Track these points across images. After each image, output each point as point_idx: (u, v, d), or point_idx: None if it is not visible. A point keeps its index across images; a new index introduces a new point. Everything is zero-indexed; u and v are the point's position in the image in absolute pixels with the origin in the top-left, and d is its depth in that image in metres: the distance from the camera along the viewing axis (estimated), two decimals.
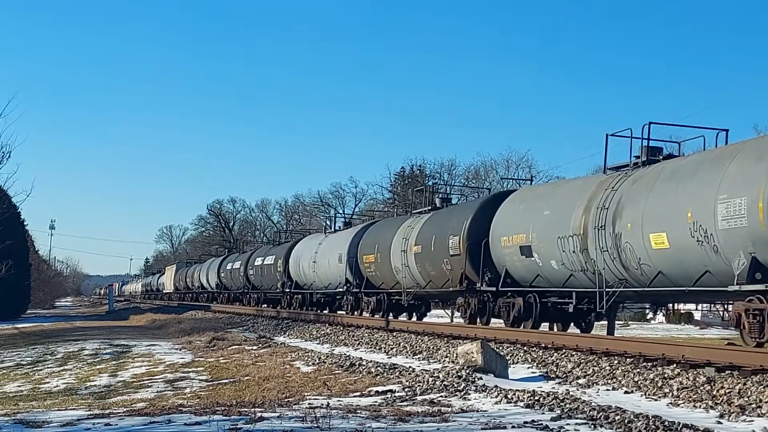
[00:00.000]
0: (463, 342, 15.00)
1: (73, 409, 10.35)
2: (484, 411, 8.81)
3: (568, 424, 7.74)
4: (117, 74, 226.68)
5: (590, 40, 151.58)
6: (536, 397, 9.43)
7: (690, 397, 9.29)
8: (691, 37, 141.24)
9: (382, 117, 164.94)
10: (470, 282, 19.88)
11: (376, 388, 10.86)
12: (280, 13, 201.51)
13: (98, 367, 17.32)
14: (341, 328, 23.01)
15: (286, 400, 10.10)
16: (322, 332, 22.54)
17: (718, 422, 7.98)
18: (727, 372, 10.45)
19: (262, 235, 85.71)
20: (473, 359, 11.92)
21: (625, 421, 7.74)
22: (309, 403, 9.55)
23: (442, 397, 9.95)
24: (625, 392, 10.15)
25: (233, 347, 19.44)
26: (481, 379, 11.22)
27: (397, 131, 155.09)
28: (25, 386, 15.01)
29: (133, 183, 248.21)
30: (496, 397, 9.76)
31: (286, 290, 36.16)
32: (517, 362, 13.37)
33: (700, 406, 8.83)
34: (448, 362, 13.64)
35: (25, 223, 49.94)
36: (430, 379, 11.22)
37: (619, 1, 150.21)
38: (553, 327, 18.45)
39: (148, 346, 21.82)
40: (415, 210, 27.45)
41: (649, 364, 11.60)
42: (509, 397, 9.63)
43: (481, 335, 16.83)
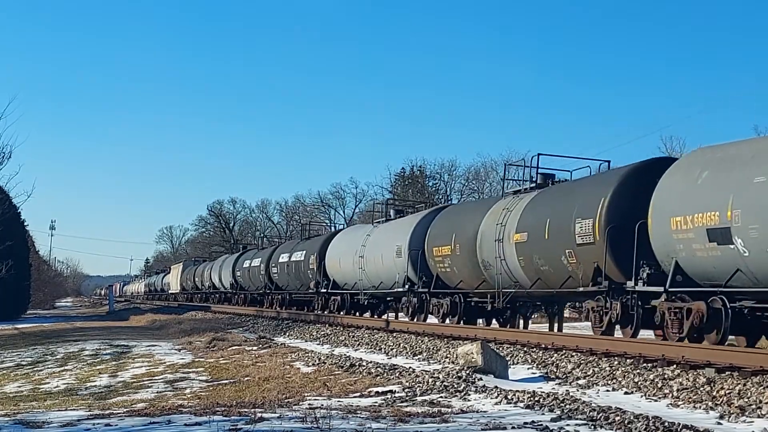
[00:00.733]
0: (463, 343, 15.01)
1: (73, 410, 10.35)
2: (484, 412, 8.81)
3: (568, 425, 7.74)
4: (117, 74, 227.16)
5: (590, 40, 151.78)
6: (536, 398, 9.44)
7: (690, 398, 9.29)
8: (691, 37, 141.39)
9: (382, 117, 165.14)
10: (611, 280, 15.18)
11: (376, 389, 10.86)
12: (280, 13, 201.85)
13: (98, 367, 17.31)
14: (341, 329, 23.00)
15: (286, 401, 10.10)
16: (322, 333, 22.54)
17: (718, 423, 7.98)
18: (727, 373, 10.46)
19: (262, 235, 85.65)
20: (473, 360, 11.93)
21: (625, 422, 7.74)
22: (309, 404, 9.56)
23: (442, 397, 9.95)
24: (625, 393, 10.16)
25: (233, 348, 19.43)
26: (481, 379, 11.22)
27: (397, 132, 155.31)
28: (25, 386, 15.01)
29: (133, 183, 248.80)
30: (496, 397, 9.76)
31: (322, 291, 31.34)
32: (517, 363, 13.38)
33: (700, 407, 8.83)
34: (448, 363, 13.64)
35: (26, 224, 49.99)
36: (430, 380, 11.22)
37: (619, 1, 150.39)
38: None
39: (148, 346, 21.81)
40: (512, 190, 20.68)
41: (649, 365, 11.62)
42: (509, 397, 9.63)
43: (481, 336, 16.84)
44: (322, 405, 9.32)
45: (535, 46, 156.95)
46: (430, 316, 23.19)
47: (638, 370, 11.28)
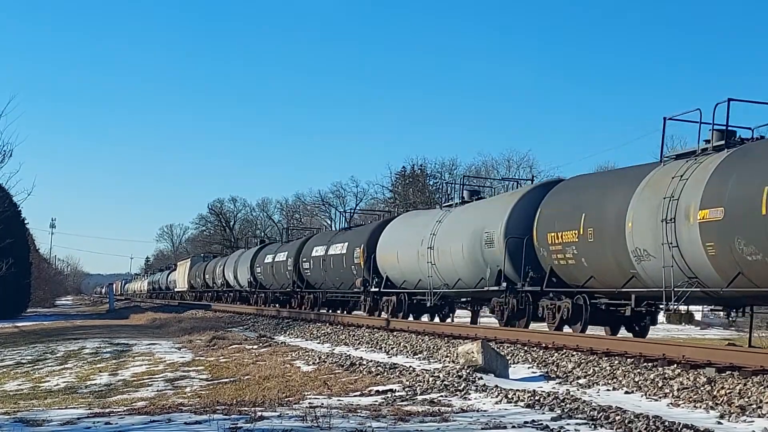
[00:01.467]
0: (463, 342, 15.00)
1: (73, 408, 10.35)
2: (485, 411, 8.81)
3: (568, 424, 7.74)
4: (117, 73, 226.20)
5: (590, 40, 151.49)
6: (536, 397, 9.43)
7: (690, 398, 9.29)
8: (691, 37, 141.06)
9: (382, 116, 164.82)
10: None
11: (376, 388, 10.86)
12: (280, 11, 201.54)
13: (98, 365, 17.32)
14: (341, 328, 23.00)
15: (287, 400, 10.11)
16: (323, 332, 22.54)
17: (719, 423, 7.98)
18: (728, 372, 10.46)
19: (263, 234, 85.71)
20: (474, 359, 11.93)
21: (626, 422, 7.74)
22: (309, 403, 9.55)
23: (442, 396, 9.95)
24: (626, 392, 10.15)
25: (234, 346, 19.44)
26: (482, 378, 11.22)
27: (398, 131, 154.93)
28: (25, 385, 15.02)
29: (133, 182, 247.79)
30: (497, 396, 9.76)
31: (372, 289, 26.33)
32: (518, 362, 13.37)
33: (701, 407, 8.83)
34: (449, 362, 13.63)
35: (26, 222, 50.03)
36: (431, 379, 11.21)
37: (619, 1, 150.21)
38: None
39: (149, 345, 21.82)
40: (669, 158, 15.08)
41: (650, 365, 11.61)
42: (509, 396, 9.63)
43: (482, 335, 16.83)
44: (323, 404, 9.33)
45: (536, 46, 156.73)
46: (561, 326, 17.24)
47: (639, 370, 11.28)
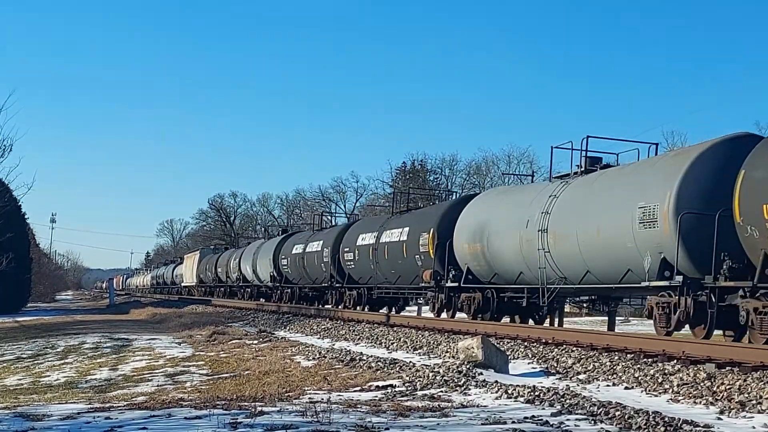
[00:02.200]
0: (463, 337, 15.00)
1: (73, 403, 10.36)
2: (485, 406, 8.81)
3: (568, 420, 7.73)
4: (118, 68, 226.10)
5: (590, 40, 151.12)
6: (536, 393, 9.43)
7: (690, 393, 9.28)
8: (691, 37, 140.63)
9: (383, 112, 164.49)
10: None
11: (376, 383, 10.86)
12: (281, 7, 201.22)
13: (98, 360, 17.34)
14: (342, 323, 23.00)
15: (287, 395, 10.10)
16: (323, 327, 22.54)
17: (719, 418, 7.98)
18: (728, 368, 10.45)
19: (263, 229, 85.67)
20: (474, 354, 11.92)
21: (626, 417, 7.73)
22: (309, 398, 9.55)
23: (442, 392, 9.95)
24: (626, 388, 10.15)
25: (234, 341, 19.44)
26: (482, 374, 11.22)
27: (398, 126, 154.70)
28: (25, 379, 15.03)
29: (133, 177, 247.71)
30: (497, 392, 9.76)
31: (447, 285, 21.45)
32: (518, 357, 13.38)
33: (701, 402, 8.83)
34: (449, 357, 13.63)
35: (26, 217, 50.10)
36: (431, 374, 11.21)
37: (619, 1, 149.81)
38: None
39: (149, 340, 21.84)
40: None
41: (650, 360, 11.61)
42: (509, 392, 9.63)
43: (482, 330, 16.83)
44: (323, 399, 9.32)
45: (536, 43, 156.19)
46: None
47: (639, 365, 11.28)
